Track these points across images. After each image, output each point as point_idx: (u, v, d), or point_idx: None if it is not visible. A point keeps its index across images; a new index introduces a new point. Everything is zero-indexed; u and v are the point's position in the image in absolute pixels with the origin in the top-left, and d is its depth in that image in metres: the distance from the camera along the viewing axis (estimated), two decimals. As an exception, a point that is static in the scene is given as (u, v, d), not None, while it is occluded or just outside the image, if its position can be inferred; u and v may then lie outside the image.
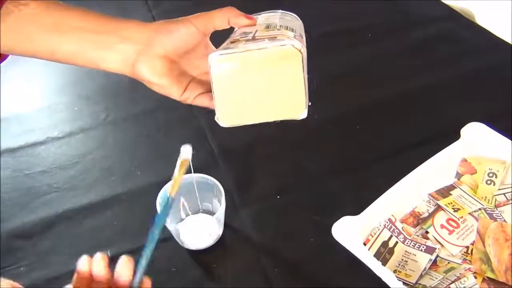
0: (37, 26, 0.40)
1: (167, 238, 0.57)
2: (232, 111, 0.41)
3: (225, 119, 0.41)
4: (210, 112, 0.41)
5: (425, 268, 0.53)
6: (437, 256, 0.54)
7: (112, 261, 0.55)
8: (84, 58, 0.41)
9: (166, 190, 0.54)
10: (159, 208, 0.52)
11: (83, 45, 0.41)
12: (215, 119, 0.41)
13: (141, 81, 0.43)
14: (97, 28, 0.40)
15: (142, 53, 0.41)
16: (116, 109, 0.76)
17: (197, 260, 0.56)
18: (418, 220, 0.58)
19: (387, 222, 0.57)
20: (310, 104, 0.40)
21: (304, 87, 0.39)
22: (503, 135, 0.62)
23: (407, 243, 0.55)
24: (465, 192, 0.60)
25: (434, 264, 0.54)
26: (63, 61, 0.42)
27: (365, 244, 0.55)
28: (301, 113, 0.40)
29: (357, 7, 0.95)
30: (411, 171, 0.59)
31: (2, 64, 0.43)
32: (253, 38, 0.39)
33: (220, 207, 0.54)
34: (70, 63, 0.42)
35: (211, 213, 0.59)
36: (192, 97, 0.44)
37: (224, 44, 0.42)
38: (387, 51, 0.85)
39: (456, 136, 0.64)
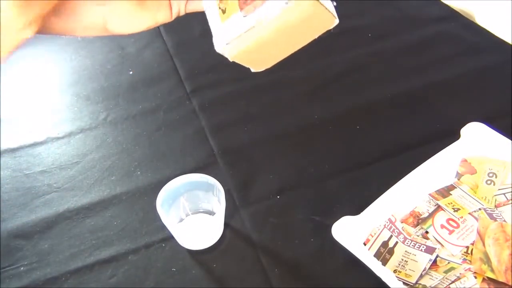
0: None
1: (167, 238, 0.58)
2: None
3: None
4: (210, 112, 0.41)
5: (425, 268, 0.53)
6: (437, 256, 0.54)
7: (111, 261, 0.56)
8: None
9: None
10: (159, 208, 0.52)
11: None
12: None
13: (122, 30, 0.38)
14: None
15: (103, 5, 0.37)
16: (116, 109, 0.76)
17: (197, 260, 0.56)
18: (418, 220, 0.58)
19: (387, 222, 0.57)
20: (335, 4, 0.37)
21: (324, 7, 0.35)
22: (503, 135, 0.63)
23: (407, 243, 0.55)
24: (465, 192, 0.60)
25: (434, 264, 0.54)
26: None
27: (365, 244, 0.55)
28: (332, 23, 0.38)
29: (357, 7, 0.95)
30: (411, 171, 0.60)
31: (2, 64, 0.43)
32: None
33: (220, 207, 0.54)
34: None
35: (211, 213, 0.59)
36: (183, 6, 0.39)
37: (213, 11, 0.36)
38: (387, 51, 0.85)
39: (456, 136, 0.64)
